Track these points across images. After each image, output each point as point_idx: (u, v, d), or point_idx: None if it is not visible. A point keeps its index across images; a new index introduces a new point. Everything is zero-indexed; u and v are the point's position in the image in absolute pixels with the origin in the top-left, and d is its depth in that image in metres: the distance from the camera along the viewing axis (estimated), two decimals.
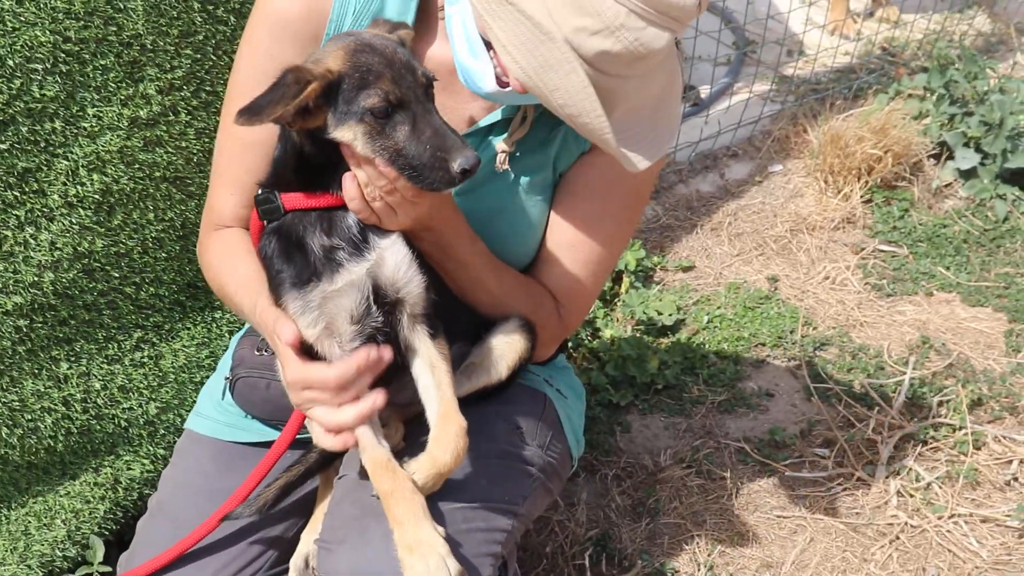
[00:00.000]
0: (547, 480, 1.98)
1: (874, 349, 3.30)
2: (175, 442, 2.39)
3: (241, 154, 1.91)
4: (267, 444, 1.96)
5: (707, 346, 3.33)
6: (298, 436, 1.87)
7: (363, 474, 1.72)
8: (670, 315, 3.42)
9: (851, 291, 3.59)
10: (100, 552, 2.33)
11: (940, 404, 3.05)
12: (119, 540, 2.38)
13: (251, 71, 1.87)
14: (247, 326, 2.20)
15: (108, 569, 2.32)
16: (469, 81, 1.73)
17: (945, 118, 3.94)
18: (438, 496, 1.72)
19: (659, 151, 1.71)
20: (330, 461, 1.99)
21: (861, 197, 3.84)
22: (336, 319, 1.66)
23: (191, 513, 1.99)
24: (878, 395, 3.09)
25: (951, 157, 3.93)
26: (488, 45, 1.66)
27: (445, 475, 1.68)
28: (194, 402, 2.43)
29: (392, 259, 1.68)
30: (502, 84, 1.67)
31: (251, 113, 1.51)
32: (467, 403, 1.72)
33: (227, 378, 2.08)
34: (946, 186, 3.93)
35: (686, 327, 3.44)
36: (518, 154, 1.91)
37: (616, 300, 3.49)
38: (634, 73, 1.57)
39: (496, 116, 1.89)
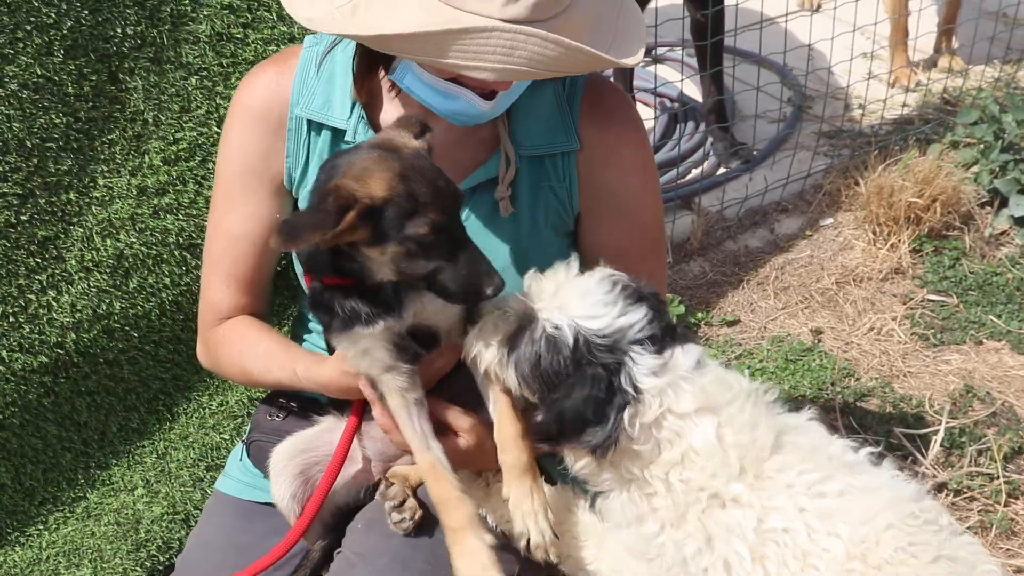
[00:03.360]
0: None
1: (916, 399, 3.20)
2: (191, 485, 2.55)
3: (232, 246, 1.98)
4: None
5: None
6: None
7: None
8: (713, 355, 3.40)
9: (896, 342, 3.49)
10: None
11: (979, 453, 2.92)
12: None
13: (229, 162, 1.96)
14: (268, 393, 2.25)
15: None
16: (466, 119, 1.77)
17: (996, 166, 3.83)
18: None
19: (640, 39, 1.75)
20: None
21: (909, 247, 3.75)
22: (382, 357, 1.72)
23: (216, 567, 2.04)
24: (914, 444, 2.99)
25: (1004, 205, 3.82)
26: (453, 79, 1.71)
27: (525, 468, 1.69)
28: (211, 454, 2.58)
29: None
30: (489, 96, 1.73)
31: (289, 237, 1.51)
32: None
33: (243, 441, 2.17)
34: (1000, 234, 3.81)
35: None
36: (517, 197, 1.93)
37: None
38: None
39: (480, 177, 1.92)
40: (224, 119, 2.32)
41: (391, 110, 1.91)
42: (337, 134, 1.92)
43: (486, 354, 1.68)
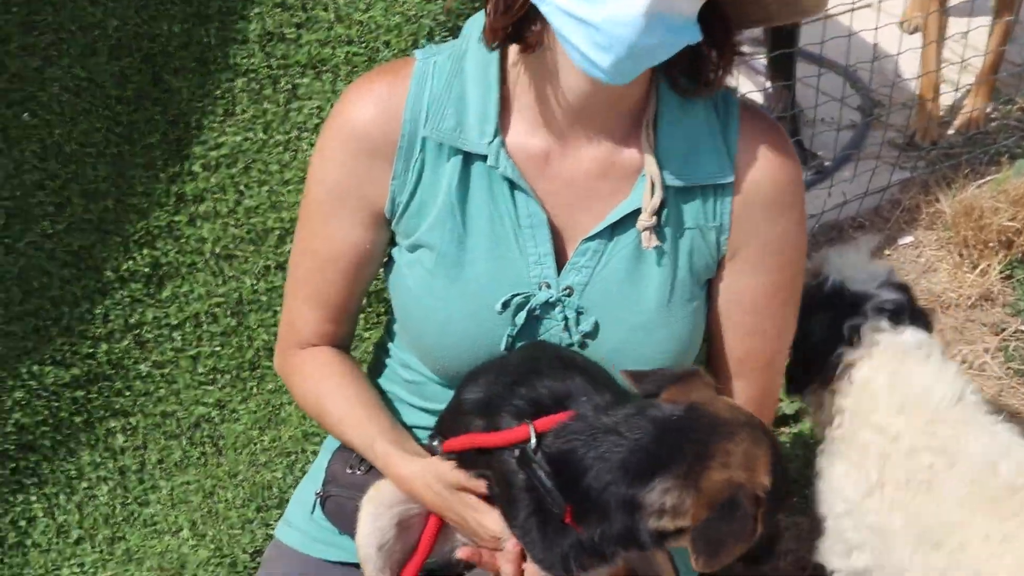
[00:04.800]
0: None
1: None
2: (239, 527, 2.39)
3: (320, 269, 1.79)
4: (357, 565, 1.81)
5: None
6: None
7: None
8: (792, 402, 3.16)
9: (991, 376, 3.24)
10: None
11: None
12: None
13: (323, 181, 1.74)
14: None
15: None
16: (615, 57, 1.47)
17: None
18: None
19: None
20: None
21: (1000, 273, 3.50)
22: None
23: None
24: None
25: None
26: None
27: None
28: (262, 494, 2.41)
29: None
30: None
31: (712, 552, 1.37)
32: None
33: (318, 494, 1.93)
34: None
35: (809, 416, 3.18)
36: (662, 234, 1.69)
37: None
38: None
39: (623, 210, 1.69)
40: (271, 123, 2.24)
41: (520, 124, 1.68)
42: (469, 160, 1.68)
43: None
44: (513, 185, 1.65)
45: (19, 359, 2.22)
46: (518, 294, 1.64)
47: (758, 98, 4.41)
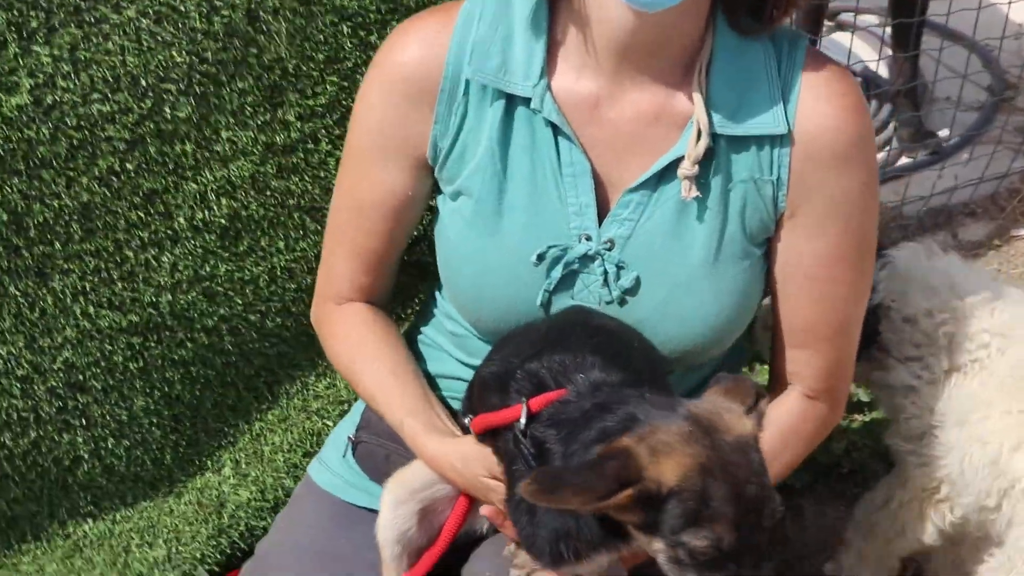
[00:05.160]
0: None
1: None
2: (284, 472, 2.29)
3: (360, 217, 1.75)
4: None
5: None
6: None
7: None
8: (867, 390, 2.98)
9: None
10: None
11: None
12: None
13: (365, 126, 1.70)
14: None
15: None
16: None
17: None
18: None
19: None
20: None
21: None
22: None
23: (291, 572, 1.86)
24: None
25: None
26: None
27: None
28: (310, 440, 2.30)
29: None
30: None
31: (545, 488, 1.24)
32: None
33: (350, 438, 1.94)
34: None
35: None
36: (709, 187, 1.59)
37: None
38: None
39: (668, 158, 1.57)
40: None
41: (567, 68, 1.59)
42: (513, 103, 1.60)
43: None
44: (556, 131, 1.58)
45: (74, 298, 2.04)
46: (555, 246, 1.58)
47: (881, 70, 4.04)
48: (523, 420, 1.41)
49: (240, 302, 2.16)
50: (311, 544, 1.87)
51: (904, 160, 3.75)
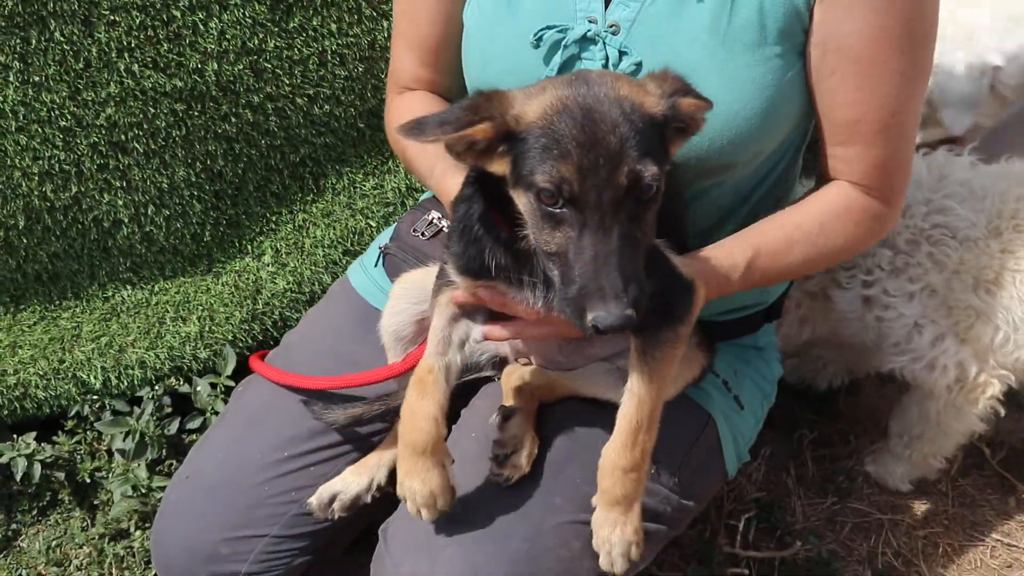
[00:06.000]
0: (671, 530, 1.65)
1: None
2: (323, 267, 2.25)
3: (412, 9, 1.71)
4: None
5: None
6: None
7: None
8: None
9: None
10: (231, 364, 2.23)
11: None
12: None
13: None
14: (426, 194, 1.98)
15: (232, 384, 2.22)
16: None
17: None
18: None
19: None
20: None
21: None
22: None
23: (310, 369, 1.83)
24: None
25: None
26: None
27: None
28: (352, 238, 2.25)
29: None
30: None
31: (413, 130, 1.24)
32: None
33: (381, 248, 1.91)
34: None
35: None
36: None
37: None
38: None
39: None
40: None
41: None
42: None
43: None
44: None
45: (119, 53, 1.97)
46: (553, 27, 1.52)
47: None
48: None
49: (288, 82, 2.06)
50: (332, 346, 1.85)
51: None
